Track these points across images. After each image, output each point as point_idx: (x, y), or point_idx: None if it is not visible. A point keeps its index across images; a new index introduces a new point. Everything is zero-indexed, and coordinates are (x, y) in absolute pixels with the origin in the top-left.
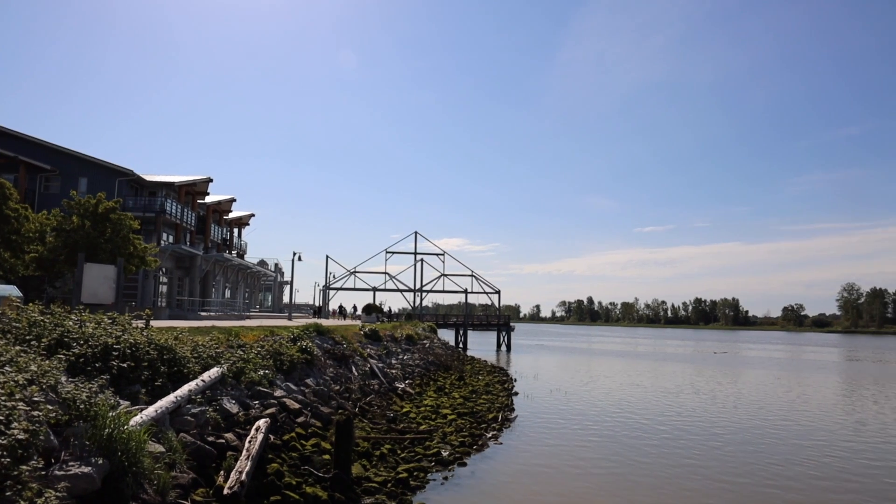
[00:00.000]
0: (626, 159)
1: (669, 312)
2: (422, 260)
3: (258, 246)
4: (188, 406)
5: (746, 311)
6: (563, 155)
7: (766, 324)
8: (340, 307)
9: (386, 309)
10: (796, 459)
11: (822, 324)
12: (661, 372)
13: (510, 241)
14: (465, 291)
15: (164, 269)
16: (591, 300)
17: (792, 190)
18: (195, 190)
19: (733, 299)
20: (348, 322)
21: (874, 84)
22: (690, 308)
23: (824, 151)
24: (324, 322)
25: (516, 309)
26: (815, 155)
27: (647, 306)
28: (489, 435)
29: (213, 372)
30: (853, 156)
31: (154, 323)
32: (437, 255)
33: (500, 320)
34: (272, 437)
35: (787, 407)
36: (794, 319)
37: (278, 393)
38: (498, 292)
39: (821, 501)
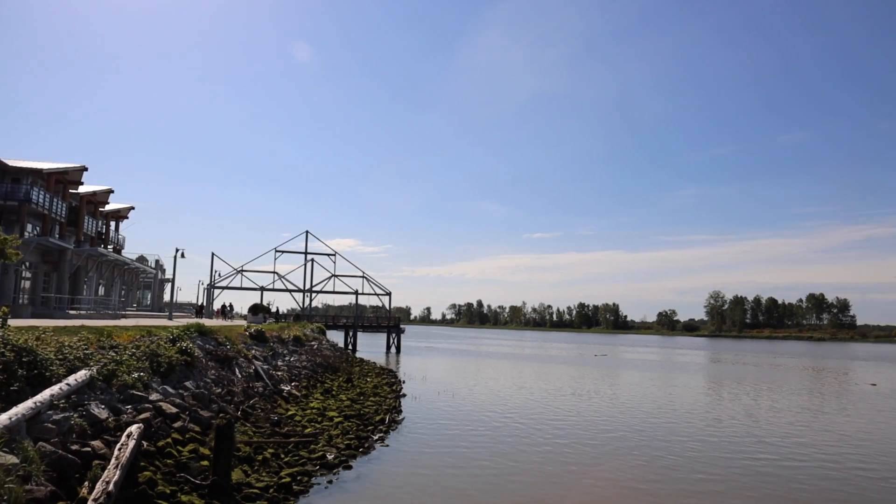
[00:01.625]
0: (520, 166)
1: (555, 316)
2: (312, 260)
3: (138, 241)
4: (49, 412)
5: (626, 316)
6: (458, 159)
7: (642, 328)
8: (223, 306)
9: (274, 309)
10: (661, 456)
11: (691, 328)
12: (545, 374)
13: (403, 244)
14: (356, 293)
15: (27, 263)
16: (480, 303)
17: (670, 203)
18: (67, 179)
19: (614, 304)
20: (233, 322)
21: (743, 107)
22: (575, 312)
23: (699, 168)
24: (207, 322)
25: (407, 311)
26: (690, 171)
27: (535, 310)
28: (376, 437)
29: (81, 375)
30: (722, 174)
31: (13, 322)
32: (328, 255)
33: (391, 322)
34: (145, 443)
35: (658, 406)
36: (667, 324)
37: (154, 396)
38: (389, 294)
39: (678, 495)
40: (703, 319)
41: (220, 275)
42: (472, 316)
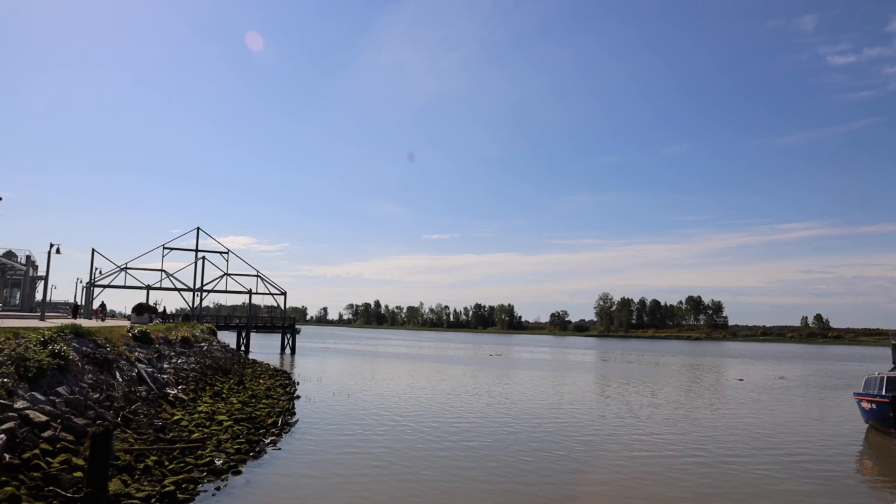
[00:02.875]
0: (418, 168)
1: (452, 317)
2: (203, 258)
3: (6, 235)
4: None
5: (520, 317)
6: (357, 158)
7: (536, 328)
8: (102, 306)
9: (161, 309)
10: (549, 453)
11: (582, 328)
12: (440, 374)
13: (299, 242)
14: (250, 292)
15: None
16: (378, 304)
17: (563, 207)
18: None
19: (509, 305)
20: (115, 323)
21: (633, 119)
22: (471, 313)
23: (591, 175)
24: (84, 323)
25: (303, 311)
26: (583, 177)
27: (432, 311)
28: (268, 441)
29: None
30: (612, 181)
31: None
32: (220, 253)
33: (286, 322)
34: (8, 455)
35: (548, 404)
36: (559, 324)
37: (20, 404)
38: (284, 294)
39: (562, 493)
40: (593, 320)
41: (101, 272)
42: (370, 316)
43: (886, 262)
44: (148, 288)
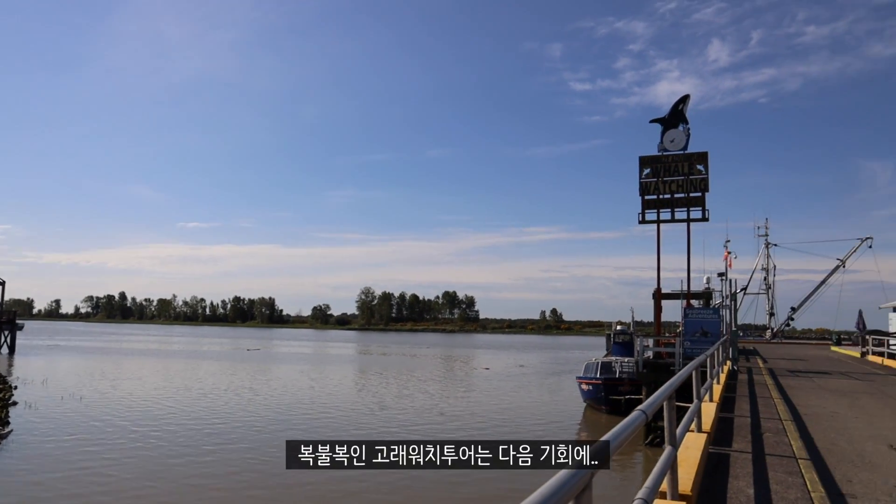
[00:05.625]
0: (176, 149)
1: (208, 310)
2: None
3: None
4: None
5: (281, 310)
6: (101, 134)
7: (297, 322)
8: None
9: None
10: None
11: (343, 322)
12: (191, 372)
13: (27, 224)
14: None
15: None
16: (123, 296)
17: (329, 202)
18: None
19: (270, 298)
20: None
21: (399, 119)
22: (229, 306)
23: (357, 171)
24: None
25: (29, 304)
26: (349, 173)
27: (186, 304)
28: None
29: None
30: (378, 179)
31: None
32: None
33: (4, 317)
34: None
35: (302, 400)
36: (321, 318)
37: None
38: (2, 283)
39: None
40: (355, 314)
41: None
42: (113, 310)
43: (608, 263)
44: None
